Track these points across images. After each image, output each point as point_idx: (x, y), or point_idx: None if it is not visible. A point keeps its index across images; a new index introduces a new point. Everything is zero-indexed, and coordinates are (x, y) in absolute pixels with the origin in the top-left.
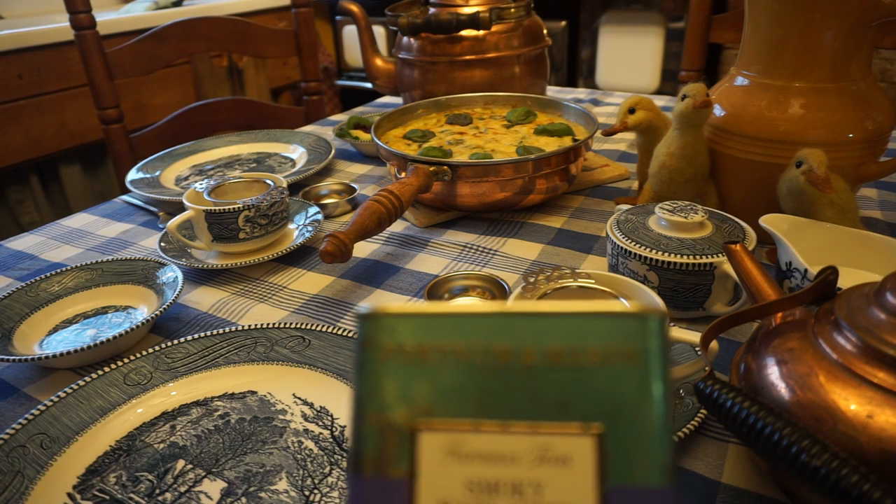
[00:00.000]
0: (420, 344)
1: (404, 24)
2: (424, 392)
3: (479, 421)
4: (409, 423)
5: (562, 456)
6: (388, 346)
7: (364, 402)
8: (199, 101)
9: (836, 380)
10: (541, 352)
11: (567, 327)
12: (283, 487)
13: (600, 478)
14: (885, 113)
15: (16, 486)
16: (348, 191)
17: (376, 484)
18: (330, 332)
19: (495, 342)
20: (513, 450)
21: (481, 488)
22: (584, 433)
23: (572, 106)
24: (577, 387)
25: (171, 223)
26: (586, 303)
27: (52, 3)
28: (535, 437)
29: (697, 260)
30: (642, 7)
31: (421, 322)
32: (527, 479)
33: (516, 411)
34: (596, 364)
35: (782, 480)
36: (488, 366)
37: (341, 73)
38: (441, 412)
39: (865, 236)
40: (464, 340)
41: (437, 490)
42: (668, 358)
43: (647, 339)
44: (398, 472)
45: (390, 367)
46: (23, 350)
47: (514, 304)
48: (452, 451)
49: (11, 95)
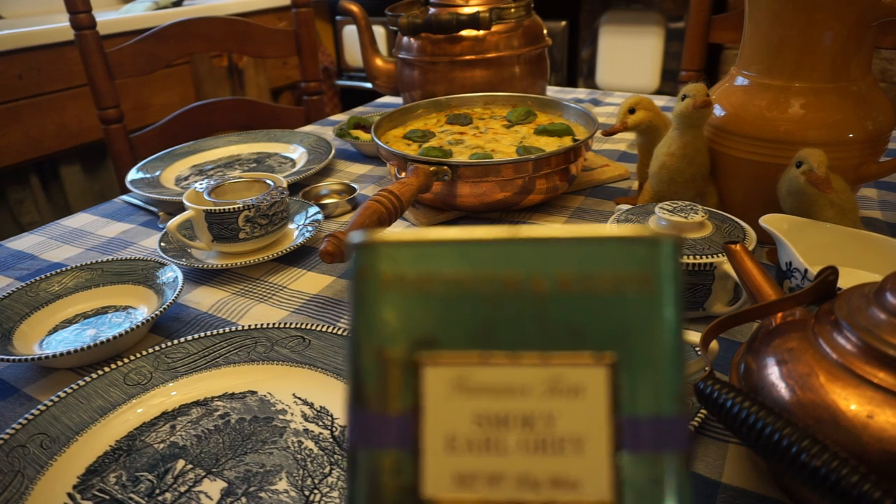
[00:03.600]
0: (422, 273)
1: (404, 24)
2: (427, 324)
3: (488, 353)
4: (412, 356)
5: (574, 387)
6: (388, 276)
7: (361, 336)
8: (199, 101)
9: (836, 380)
10: (551, 278)
11: (578, 253)
12: (283, 487)
13: (613, 408)
14: (885, 113)
15: (16, 486)
16: (348, 191)
17: (378, 420)
18: (330, 332)
19: (503, 270)
20: (523, 382)
21: (490, 422)
22: (598, 363)
23: (572, 106)
24: (588, 314)
25: (171, 223)
26: (598, 227)
27: (52, 3)
28: (546, 369)
29: (697, 260)
30: (642, 7)
31: (423, 250)
32: (538, 412)
33: (526, 342)
34: (608, 290)
35: (782, 480)
36: (496, 295)
37: (341, 73)
38: (446, 345)
39: (865, 236)
40: (470, 269)
41: (443, 425)
42: (680, 283)
43: (660, 263)
44: (401, 408)
45: (390, 299)
46: (23, 350)
47: (523, 229)
48: (459, 385)
49: (11, 95)
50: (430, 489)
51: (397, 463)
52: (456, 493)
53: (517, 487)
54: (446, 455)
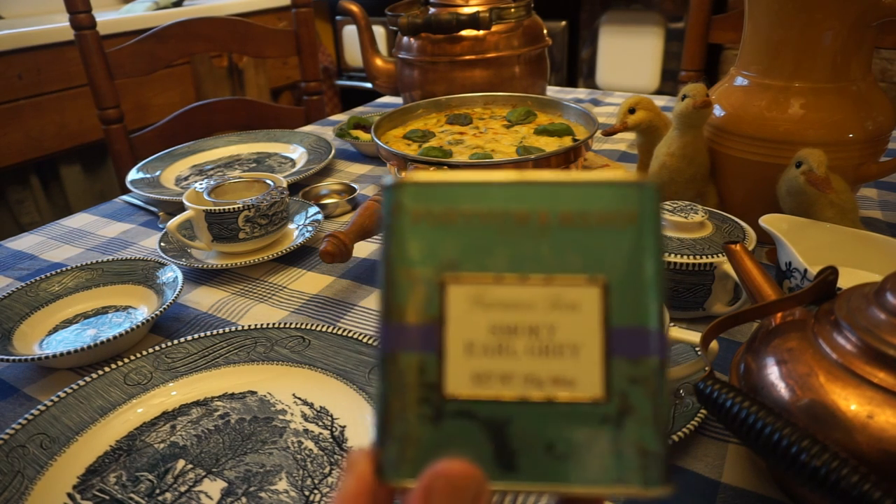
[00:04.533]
0: (445, 209)
1: (404, 24)
2: (451, 250)
3: (501, 274)
4: (438, 276)
5: (572, 302)
6: (417, 210)
7: (394, 261)
8: (199, 101)
9: (836, 380)
10: (554, 214)
11: (577, 193)
12: (283, 487)
13: (604, 320)
14: (885, 113)
15: (16, 486)
16: (348, 191)
17: (408, 328)
18: (330, 332)
19: (514, 206)
20: (530, 298)
21: (503, 331)
22: (592, 284)
23: (572, 106)
24: (585, 244)
25: (171, 223)
26: (594, 172)
27: (52, 3)
28: (548, 288)
29: (697, 260)
30: (642, 7)
31: (447, 189)
32: (542, 322)
33: (533, 266)
34: (601, 224)
35: (782, 480)
36: (508, 227)
37: (341, 73)
38: (466, 267)
39: (865, 236)
40: (486, 205)
41: (464, 333)
42: (660, 219)
43: (644, 203)
44: (429, 319)
45: (420, 229)
46: (23, 350)
47: (531, 173)
48: (477, 301)
49: (11, 95)
50: (451, 387)
51: (423, 364)
52: (473, 390)
53: (524, 385)
54: (465, 358)
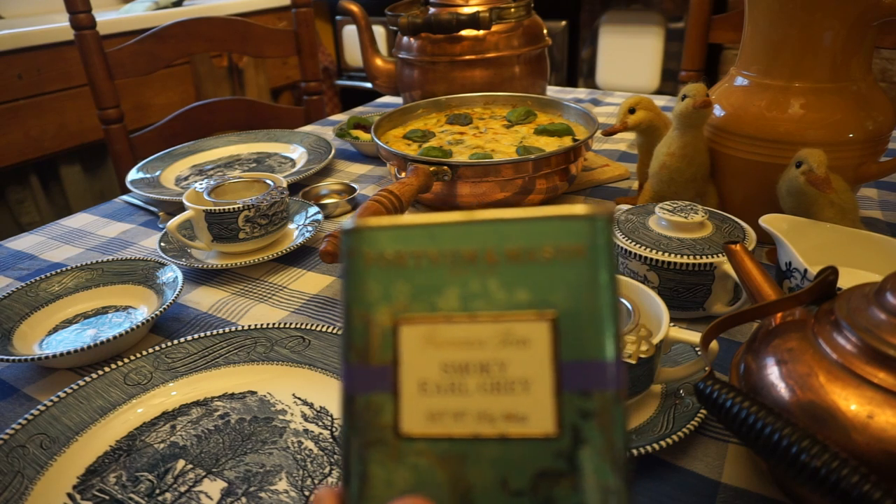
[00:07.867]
0: (397, 251)
1: (404, 24)
2: (403, 292)
3: (450, 313)
4: (392, 318)
5: (522, 338)
6: (370, 255)
7: (351, 304)
8: (199, 101)
9: (836, 380)
10: (501, 252)
11: (524, 230)
12: (283, 487)
13: (555, 355)
14: (885, 113)
15: (16, 486)
16: (348, 191)
17: (366, 370)
18: (330, 332)
19: (462, 245)
20: (480, 336)
21: (454, 369)
22: (540, 319)
23: (572, 106)
24: (534, 280)
25: (171, 223)
26: (542, 208)
27: (52, 3)
28: (498, 325)
29: (697, 260)
30: (642, 7)
31: (397, 233)
32: (493, 359)
33: (482, 304)
34: (550, 260)
35: (782, 480)
36: (457, 266)
37: (341, 73)
38: (417, 308)
39: (865, 236)
40: (435, 246)
41: (417, 372)
42: (612, 252)
43: (595, 236)
44: (384, 360)
45: (373, 273)
46: (23, 350)
47: (478, 213)
48: (429, 340)
49: (11, 95)
50: (407, 426)
51: (380, 404)
52: (428, 429)
53: (477, 422)
54: (419, 397)
